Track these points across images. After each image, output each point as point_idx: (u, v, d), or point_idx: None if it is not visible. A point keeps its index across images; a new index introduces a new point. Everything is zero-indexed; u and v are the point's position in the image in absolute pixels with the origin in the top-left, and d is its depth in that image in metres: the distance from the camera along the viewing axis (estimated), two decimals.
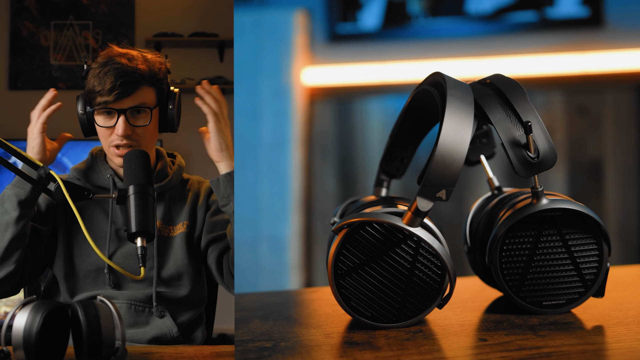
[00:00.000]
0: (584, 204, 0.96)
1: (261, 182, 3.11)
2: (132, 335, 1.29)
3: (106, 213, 1.34)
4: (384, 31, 3.13)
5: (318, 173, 3.19)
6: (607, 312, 0.99)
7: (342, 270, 0.94)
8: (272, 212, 3.10)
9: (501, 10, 3.01)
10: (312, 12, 3.20)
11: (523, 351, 0.82)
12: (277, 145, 3.11)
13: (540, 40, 3.00)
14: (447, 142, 0.88)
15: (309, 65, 3.18)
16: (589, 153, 2.97)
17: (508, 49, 3.00)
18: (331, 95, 3.19)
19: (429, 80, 1.01)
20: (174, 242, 1.35)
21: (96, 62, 1.30)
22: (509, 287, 0.97)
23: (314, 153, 3.20)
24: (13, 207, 1.21)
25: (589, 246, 0.96)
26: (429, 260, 0.92)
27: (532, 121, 0.92)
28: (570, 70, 2.96)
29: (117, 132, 1.28)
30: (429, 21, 3.09)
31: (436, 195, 0.88)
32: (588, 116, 2.98)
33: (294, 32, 3.12)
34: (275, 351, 0.86)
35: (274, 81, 3.12)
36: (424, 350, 0.84)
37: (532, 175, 0.92)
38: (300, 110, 3.14)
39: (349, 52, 3.17)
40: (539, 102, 2.98)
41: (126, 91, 1.27)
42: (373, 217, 0.91)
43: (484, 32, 3.04)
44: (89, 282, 1.31)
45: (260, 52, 3.14)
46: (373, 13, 3.13)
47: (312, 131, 3.20)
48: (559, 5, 2.96)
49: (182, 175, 1.42)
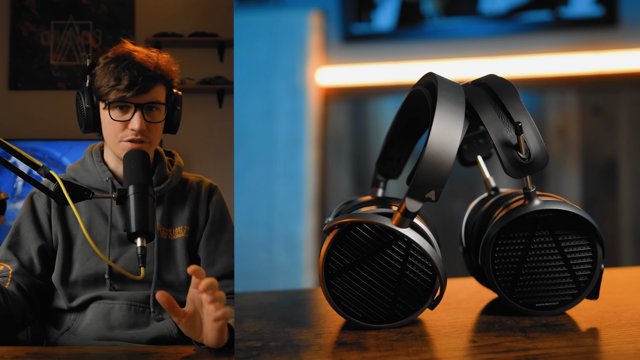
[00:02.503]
0: (598, 204, 0.96)
1: (276, 181, 3.12)
2: (132, 336, 1.29)
3: (105, 217, 1.33)
4: (398, 31, 3.12)
5: (332, 173, 3.20)
6: (601, 314, 0.98)
7: (333, 270, 0.94)
8: (286, 211, 3.11)
9: (515, 9, 2.99)
10: (326, 13, 3.20)
11: (510, 353, 0.82)
12: (291, 145, 3.11)
13: (554, 39, 2.98)
14: (437, 143, 0.88)
15: (324, 65, 3.19)
16: (604, 153, 2.94)
17: (522, 49, 2.98)
18: (346, 95, 3.19)
19: (422, 81, 1.01)
20: (175, 246, 1.34)
21: (106, 57, 1.30)
22: (501, 289, 0.97)
23: (329, 153, 3.20)
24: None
25: (582, 247, 0.96)
26: (420, 261, 0.92)
27: (524, 122, 0.92)
28: (585, 69, 2.93)
29: (133, 126, 1.28)
30: (443, 21, 3.08)
31: (425, 196, 0.88)
32: (602, 116, 2.95)
33: (309, 33, 3.13)
34: (264, 351, 0.86)
35: (289, 81, 3.13)
36: (411, 352, 0.84)
37: (523, 176, 0.92)
38: (315, 110, 3.14)
39: (364, 52, 3.17)
40: (553, 102, 2.96)
41: (146, 87, 1.27)
42: (363, 217, 0.91)
43: (498, 31, 3.02)
44: (88, 286, 1.30)
45: (276, 53, 3.15)
46: (387, 13, 3.12)
47: (326, 131, 3.20)
48: (573, 5, 2.94)
49: (182, 175, 1.40)
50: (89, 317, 1.29)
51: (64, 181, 1.09)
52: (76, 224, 1.32)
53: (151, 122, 1.30)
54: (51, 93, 3.19)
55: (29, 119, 3.16)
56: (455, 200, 2.91)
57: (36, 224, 1.32)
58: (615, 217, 2.86)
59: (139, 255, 1.07)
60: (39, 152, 2.94)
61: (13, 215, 2.86)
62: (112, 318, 1.29)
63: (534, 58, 2.97)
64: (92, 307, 1.30)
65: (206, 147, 3.15)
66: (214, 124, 3.25)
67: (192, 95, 3.20)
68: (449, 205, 2.93)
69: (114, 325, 1.29)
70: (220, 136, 3.21)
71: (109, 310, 1.30)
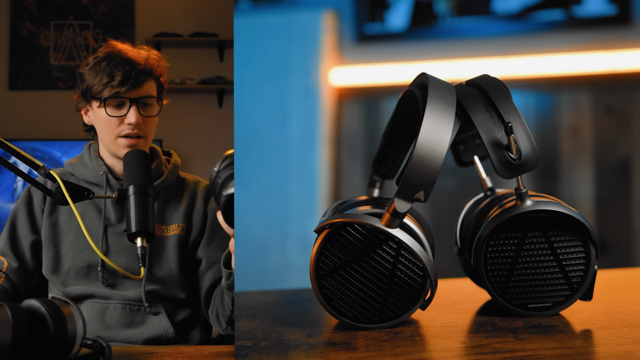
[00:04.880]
0: (611, 204, 0.95)
1: (290, 181, 3.13)
2: (128, 336, 1.30)
3: (98, 210, 1.34)
4: (411, 31, 3.12)
5: (346, 172, 3.20)
6: (594, 315, 0.97)
7: (324, 270, 0.94)
8: (300, 210, 3.12)
9: (528, 9, 2.97)
10: (340, 13, 3.20)
11: (497, 354, 0.81)
12: (305, 144, 3.12)
13: (567, 39, 2.95)
14: (426, 143, 0.88)
15: (337, 65, 3.19)
16: (617, 153, 2.91)
17: (535, 48, 2.96)
18: (359, 95, 3.19)
19: (415, 82, 1.01)
20: (167, 243, 1.34)
21: (96, 57, 1.32)
22: (493, 289, 0.96)
23: (342, 152, 3.20)
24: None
25: (575, 248, 0.95)
26: (410, 262, 0.92)
27: (515, 122, 0.91)
28: (598, 69, 2.90)
29: (129, 120, 1.30)
30: (455, 21, 3.07)
31: (414, 197, 0.88)
32: (616, 116, 2.92)
33: (323, 33, 3.13)
34: (254, 350, 0.87)
35: (303, 81, 3.14)
36: (399, 352, 0.84)
37: (514, 177, 0.92)
38: (329, 110, 3.14)
39: (377, 52, 3.17)
40: (566, 102, 2.93)
41: (139, 81, 1.30)
42: (352, 217, 0.91)
43: (510, 31, 3.00)
44: (80, 278, 1.32)
45: (290, 53, 3.16)
46: (400, 13, 3.12)
47: (340, 131, 3.20)
48: (586, 4, 2.92)
49: (178, 174, 1.41)
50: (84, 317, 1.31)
51: (64, 181, 1.10)
52: (69, 216, 1.34)
53: (146, 116, 1.31)
54: (51, 93, 3.22)
55: (29, 119, 3.19)
56: (468, 199, 2.89)
57: (30, 219, 1.35)
58: (629, 217, 2.83)
59: (139, 255, 1.08)
60: (39, 152, 2.97)
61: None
62: (108, 318, 1.30)
63: (547, 57, 2.95)
64: (87, 306, 1.32)
65: (206, 147, 3.16)
66: (214, 124, 3.26)
67: (192, 95, 3.22)
68: (462, 206, 2.91)
69: (110, 324, 1.30)
70: (220, 136, 3.22)
71: (103, 310, 1.31)
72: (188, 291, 1.36)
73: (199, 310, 1.40)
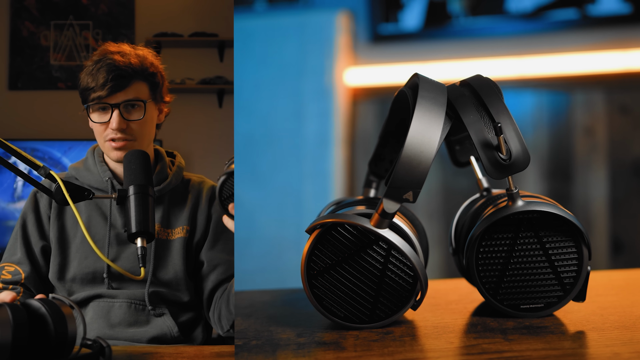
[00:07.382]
0: (624, 204, 0.95)
1: (305, 181, 3.13)
2: (132, 335, 1.30)
3: (104, 216, 1.35)
4: (425, 31, 3.11)
5: (360, 172, 3.20)
6: (587, 316, 0.96)
7: (315, 270, 0.94)
8: (315, 210, 3.12)
9: (542, 8, 2.95)
10: (354, 13, 3.21)
11: (484, 355, 0.81)
12: (320, 144, 3.13)
13: (581, 38, 2.93)
14: (414, 144, 0.88)
15: (352, 65, 3.19)
16: (631, 153, 2.88)
17: (549, 48, 2.94)
18: (373, 95, 3.19)
19: (408, 82, 1.01)
20: (172, 246, 1.34)
21: (90, 60, 1.33)
22: (485, 290, 0.96)
23: (357, 152, 3.20)
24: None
25: (567, 249, 0.94)
26: (401, 262, 0.92)
27: (505, 122, 0.91)
28: (612, 68, 2.87)
29: (111, 125, 1.30)
30: (469, 20, 3.06)
31: (403, 197, 0.88)
32: (630, 115, 2.89)
33: (337, 33, 3.14)
34: (243, 349, 0.87)
35: (318, 82, 3.14)
36: (386, 352, 0.84)
37: (504, 177, 0.91)
38: (343, 110, 3.15)
39: (391, 52, 3.17)
40: (580, 101, 2.91)
41: (119, 85, 1.29)
42: (343, 218, 0.92)
43: (524, 30, 2.99)
44: (85, 284, 1.32)
45: (304, 53, 3.16)
46: (414, 13, 3.11)
47: (354, 131, 3.20)
48: (600, 2, 2.89)
49: (182, 175, 1.41)
50: (90, 315, 1.32)
51: (64, 181, 1.11)
52: (74, 222, 1.35)
53: (131, 120, 1.31)
54: (51, 93, 3.24)
55: (29, 119, 3.22)
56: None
57: (39, 224, 1.35)
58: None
59: (139, 256, 1.08)
60: (39, 152, 2.99)
61: (14, 215, 2.93)
62: (113, 316, 1.31)
63: (561, 57, 2.93)
64: (93, 305, 1.32)
65: (206, 147, 3.17)
66: (214, 124, 3.27)
67: (192, 95, 3.23)
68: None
69: (114, 323, 1.31)
70: (220, 136, 3.23)
71: (109, 308, 1.31)
72: (192, 294, 1.36)
73: (202, 312, 1.40)
